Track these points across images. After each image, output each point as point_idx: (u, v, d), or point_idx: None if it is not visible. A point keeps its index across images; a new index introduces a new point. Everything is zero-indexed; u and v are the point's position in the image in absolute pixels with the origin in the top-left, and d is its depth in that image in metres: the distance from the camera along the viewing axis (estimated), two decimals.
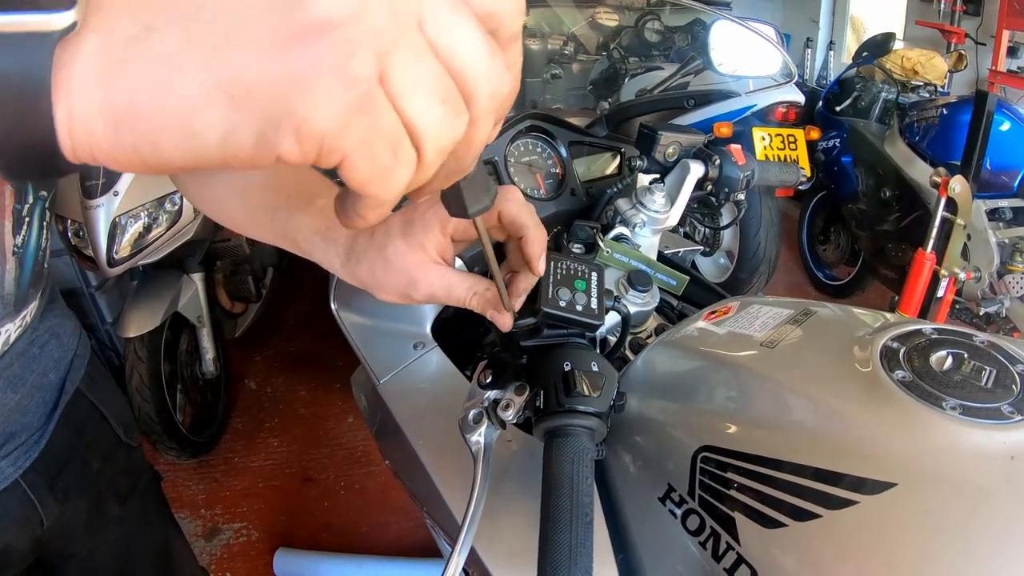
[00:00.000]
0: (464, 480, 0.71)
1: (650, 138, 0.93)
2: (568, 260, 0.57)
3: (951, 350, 0.57)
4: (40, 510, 0.72)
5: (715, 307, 0.76)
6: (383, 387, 0.83)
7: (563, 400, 0.52)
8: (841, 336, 0.64)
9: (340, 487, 2.30)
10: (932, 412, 0.51)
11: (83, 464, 0.80)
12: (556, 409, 0.53)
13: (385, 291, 0.51)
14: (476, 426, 0.57)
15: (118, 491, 0.86)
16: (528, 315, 0.54)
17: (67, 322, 0.79)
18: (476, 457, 0.56)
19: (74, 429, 0.78)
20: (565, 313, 0.53)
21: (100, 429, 0.84)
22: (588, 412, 0.53)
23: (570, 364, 0.53)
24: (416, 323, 0.88)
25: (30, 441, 0.70)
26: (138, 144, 0.25)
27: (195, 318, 2.26)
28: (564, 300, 0.53)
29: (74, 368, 0.78)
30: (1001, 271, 2.44)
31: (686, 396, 0.66)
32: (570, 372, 0.53)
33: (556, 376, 0.53)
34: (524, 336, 0.56)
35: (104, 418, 0.84)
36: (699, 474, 0.60)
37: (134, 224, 1.90)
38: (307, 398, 2.73)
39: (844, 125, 3.09)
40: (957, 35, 3.46)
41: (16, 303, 0.64)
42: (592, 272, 0.57)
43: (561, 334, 0.56)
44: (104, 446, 0.84)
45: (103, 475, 0.83)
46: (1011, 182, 2.45)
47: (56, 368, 0.75)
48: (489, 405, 0.58)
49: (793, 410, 0.57)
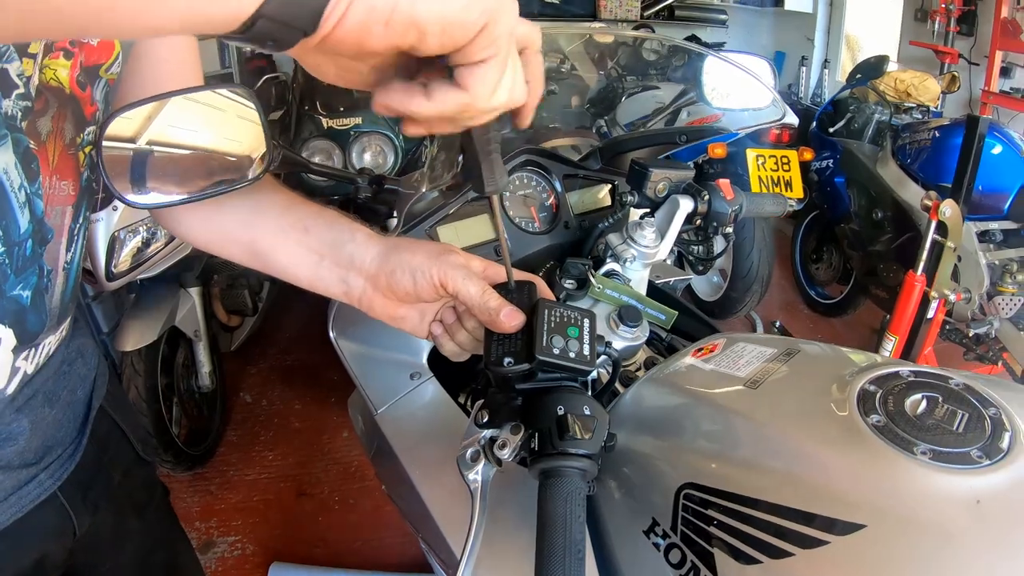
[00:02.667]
0: (459, 512, 0.73)
1: (641, 175, 0.96)
2: (561, 308, 0.60)
3: (926, 393, 0.59)
4: (75, 521, 0.75)
5: (702, 344, 0.79)
6: (381, 416, 0.85)
7: (557, 443, 0.55)
8: (822, 377, 0.66)
9: (335, 502, 2.31)
10: (902, 457, 0.53)
11: (108, 478, 0.83)
12: (550, 452, 0.55)
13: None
14: (474, 464, 0.60)
15: (137, 505, 0.89)
16: (523, 361, 0.57)
17: (89, 341, 0.82)
18: (474, 494, 0.59)
19: (99, 445, 0.81)
20: (559, 360, 0.56)
21: (121, 445, 0.87)
22: (580, 454, 0.55)
23: (563, 408, 0.56)
24: (413, 353, 0.91)
25: (65, 455, 0.73)
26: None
27: (192, 332, 2.28)
28: (558, 348, 0.56)
29: (97, 386, 0.81)
30: (991, 292, 2.47)
31: (672, 432, 0.69)
32: (563, 416, 0.55)
33: (550, 419, 0.56)
34: (519, 380, 0.59)
35: (124, 435, 0.88)
36: (682, 510, 0.62)
37: (133, 239, 1.91)
38: (302, 412, 2.75)
39: (837, 146, 3.13)
40: (951, 55, 3.50)
41: (59, 316, 0.68)
42: (584, 319, 0.60)
43: (554, 378, 0.59)
44: (125, 461, 0.87)
45: (123, 489, 0.86)
46: (1002, 204, 2.49)
47: (83, 385, 0.78)
48: (486, 444, 0.61)
49: (772, 451, 0.59)
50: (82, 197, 0.65)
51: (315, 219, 0.68)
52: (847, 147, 3.08)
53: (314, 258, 0.67)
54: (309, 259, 0.67)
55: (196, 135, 0.63)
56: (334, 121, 2.47)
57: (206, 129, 0.63)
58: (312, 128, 2.49)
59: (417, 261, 0.63)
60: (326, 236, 0.67)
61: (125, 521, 0.86)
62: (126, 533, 0.87)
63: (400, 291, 0.63)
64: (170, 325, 2.15)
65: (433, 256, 0.63)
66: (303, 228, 0.68)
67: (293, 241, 0.68)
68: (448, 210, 0.99)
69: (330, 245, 0.67)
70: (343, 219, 0.69)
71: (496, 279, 0.65)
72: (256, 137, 0.65)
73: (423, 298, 0.64)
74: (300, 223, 0.68)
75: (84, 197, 0.66)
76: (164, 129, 0.60)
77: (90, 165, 0.65)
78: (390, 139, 2.52)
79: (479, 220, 1.02)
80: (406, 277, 0.63)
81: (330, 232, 0.67)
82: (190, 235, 0.72)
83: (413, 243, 0.66)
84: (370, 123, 2.50)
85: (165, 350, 2.21)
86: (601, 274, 0.91)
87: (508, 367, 0.58)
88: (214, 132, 0.63)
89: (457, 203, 1.00)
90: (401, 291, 0.63)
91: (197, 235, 0.71)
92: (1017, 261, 2.46)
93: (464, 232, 1.01)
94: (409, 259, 0.63)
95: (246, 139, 0.65)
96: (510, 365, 0.58)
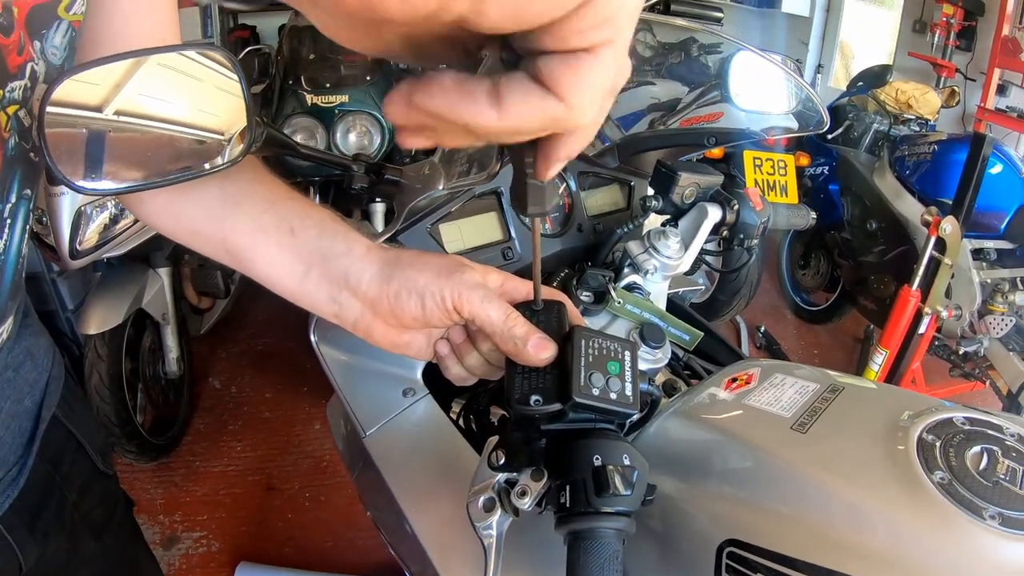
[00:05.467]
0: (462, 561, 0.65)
1: (668, 178, 0.87)
2: (599, 338, 0.51)
3: (984, 446, 0.53)
4: (19, 556, 0.64)
5: (734, 373, 0.71)
6: (370, 439, 0.76)
7: (594, 501, 0.46)
8: (873, 421, 0.59)
9: (305, 498, 2.21)
10: (972, 522, 0.47)
11: (60, 500, 0.72)
12: (586, 511, 0.47)
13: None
14: (488, 514, 0.51)
15: (94, 525, 0.78)
16: (554, 400, 0.48)
17: (41, 339, 0.70)
18: (488, 550, 0.50)
19: (51, 461, 0.70)
20: (599, 403, 0.47)
21: (77, 459, 0.76)
22: (620, 512, 0.47)
23: (600, 458, 0.47)
24: (406, 366, 0.82)
25: (7, 479, 0.62)
26: None
27: (160, 315, 2.16)
28: (597, 388, 0.47)
29: (50, 392, 0.70)
30: (982, 311, 2.45)
31: (706, 476, 0.61)
32: (602, 468, 0.47)
33: (584, 470, 0.47)
34: (545, 420, 0.50)
35: (81, 446, 0.76)
36: (725, 571, 0.54)
37: (100, 214, 1.79)
38: (273, 401, 2.63)
39: (833, 153, 3.08)
40: (948, 69, 3.48)
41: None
42: (625, 352, 0.51)
43: (588, 418, 0.50)
44: (81, 477, 0.76)
45: (80, 509, 0.75)
46: (998, 224, 2.47)
47: (31, 392, 0.67)
48: (501, 489, 0.52)
49: (830, 508, 0.52)
50: (9, 171, 0.52)
51: (303, 220, 0.56)
52: (844, 155, 3.03)
53: (299, 268, 0.55)
54: (294, 268, 0.55)
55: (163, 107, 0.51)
56: (319, 98, 2.33)
57: (177, 100, 0.51)
58: (295, 104, 2.35)
59: (425, 280, 0.51)
60: (315, 244, 0.55)
61: (80, 546, 0.75)
62: (81, 560, 0.76)
63: (406, 317, 0.52)
64: (137, 307, 2.02)
65: (444, 274, 0.52)
66: (288, 230, 0.55)
67: (275, 244, 0.55)
68: (452, 206, 0.89)
69: (321, 256, 0.55)
70: (337, 224, 0.56)
71: (516, 296, 0.55)
72: (236, 112, 0.54)
73: (432, 324, 0.53)
74: (284, 223, 0.56)
75: (13, 171, 0.53)
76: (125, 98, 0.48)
77: (19, 131, 0.52)
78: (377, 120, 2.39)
79: (486, 218, 0.92)
80: (413, 301, 0.51)
81: (321, 239, 0.55)
82: (151, 220, 0.59)
83: (419, 257, 0.54)
84: (357, 102, 2.37)
85: (131, 333, 2.09)
86: (621, 287, 0.82)
87: (536, 407, 0.48)
88: (186, 104, 0.52)
89: (463, 199, 0.90)
90: (408, 317, 0.52)
91: (159, 222, 0.59)
92: (1009, 281, 2.44)
93: (470, 231, 0.91)
94: (415, 278, 0.52)
95: (224, 114, 0.54)
96: (538, 405, 0.48)
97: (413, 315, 0.52)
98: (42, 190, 1.71)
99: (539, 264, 0.51)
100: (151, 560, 0.97)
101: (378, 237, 0.81)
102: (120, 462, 2.15)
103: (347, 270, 0.54)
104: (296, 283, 0.56)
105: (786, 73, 0.95)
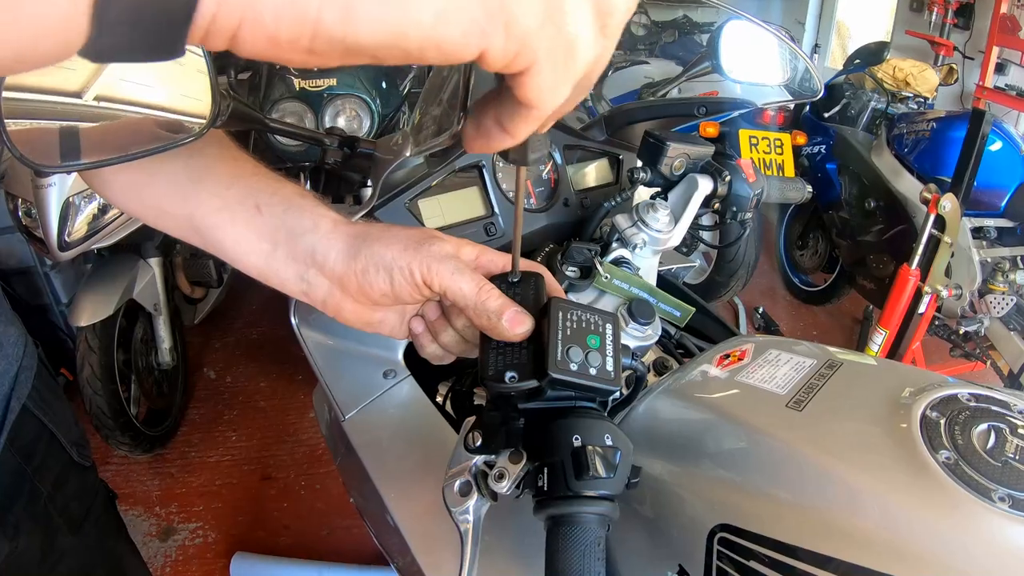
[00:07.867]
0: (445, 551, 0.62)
1: (657, 148, 0.84)
2: (578, 310, 0.48)
3: (991, 423, 0.51)
4: None
5: (727, 349, 0.68)
6: (349, 423, 0.73)
7: (573, 484, 0.43)
8: (874, 398, 0.57)
9: (300, 487, 2.20)
10: (981, 505, 0.44)
11: (33, 492, 0.70)
12: (565, 494, 0.44)
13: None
14: (464, 499, 0.48)
15: (71, 519, 0.77)
16: (530, 377, 0.45)
17: (11, 329, 0.69)
18: (464, 536, 0.48)
19: (23, 453, 0.68)
20: (577, 379, 0.44)
21: (50, 450, 0.74)
22: (601, 496, 0.44)
23: (580, 438, 0.44)
24: (387, 347, 0.79)
25: None
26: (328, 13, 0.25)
27: (151, 306, 2.14)
28: (576, 362, 0.44)
29: (20, 383, 0.68)
30: (982, 290, 2.42)
31: (697, 458, 0.58)
32: (581, 449, 0.44)
33: (563, 452, 0.44)
34: (522, 398, 0.47)
35: (54, 438, 0.75)
36: (716, 558, 0.52)
37: (89, 205, 1.76)
38: (268, 390, 2.62)
39: (830, 131, 3.04)
40: (946, 47, 3.42)
41: None
42: (607, 324, 0.48)
43: (567, 396, 0.47)
44: (55, 469, 0.74)
45: (55, 502, 0.73)
46: (998, 202, 2.44)
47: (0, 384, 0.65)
48: (478, 472, 0.49)
49: (828, 491, 0.50)
50: None
51: (269, 196, 0.53)
52: (841, 133, 2.99)
53: (265, 246, 0.52)
54: (260, 247, 0.52)
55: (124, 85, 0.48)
56: (307, 82, 2.29)
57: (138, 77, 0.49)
58: (283, 89, 2.31)
59: (392, 254, 0.49)
60: (282, 220, 0.52)
61: (56, 540, 0.74)
62: (58, 554, 0.74)
63: (375, 294, 0.50)
64: (128, 298, 2.00)
65: (412, 247, 0.49)
66: (253, 206, 0.53)
67: (241, 222, 0.53)
68: (431, 181, 0.86)
69: (287, 232, 0.52)
70: (305, 199, 0.54)
71: (492, 270, 0.52)
72: (200, 86, 0.51)
73: (403, 300, 0.50)
74: (250, 199, 0.53)
75: None
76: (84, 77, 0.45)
77: None
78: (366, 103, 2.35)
79: (468, 193, 0.89)
80: (381, 277, 0.49)
81: (287, 215, 0.52)
82: (118, 201, 0.56)
83: (387, 231, 0.51)
84: (345, 85, 2.33)
85: (123, 324, 2.06)
86: (609, 261, 0.79)
87: (511, 384, 0.45)
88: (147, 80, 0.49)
89: (442, 173, 0.86)
90: (376, 293, 0.49)
91: (127, 203, 0.56)
92: (1010, 260, 2.41)
93: (450, 207, 0.87)
94: (383, 253, 0.49)
95: (188, 89, 0.50)
96: (513, 382, 0.45)
97: (382, 291, 0.49)
98: (30, 183, 1.68)
99: (520, 230, 0.48)
100: (134, 554, 0.95)
101: (354, 214, 0.78)
102: (115, 454, 2.14)
103: (314, 247, 0.51)
104: (263, 261, 0.53)
105: (779, 40, 0.92)
